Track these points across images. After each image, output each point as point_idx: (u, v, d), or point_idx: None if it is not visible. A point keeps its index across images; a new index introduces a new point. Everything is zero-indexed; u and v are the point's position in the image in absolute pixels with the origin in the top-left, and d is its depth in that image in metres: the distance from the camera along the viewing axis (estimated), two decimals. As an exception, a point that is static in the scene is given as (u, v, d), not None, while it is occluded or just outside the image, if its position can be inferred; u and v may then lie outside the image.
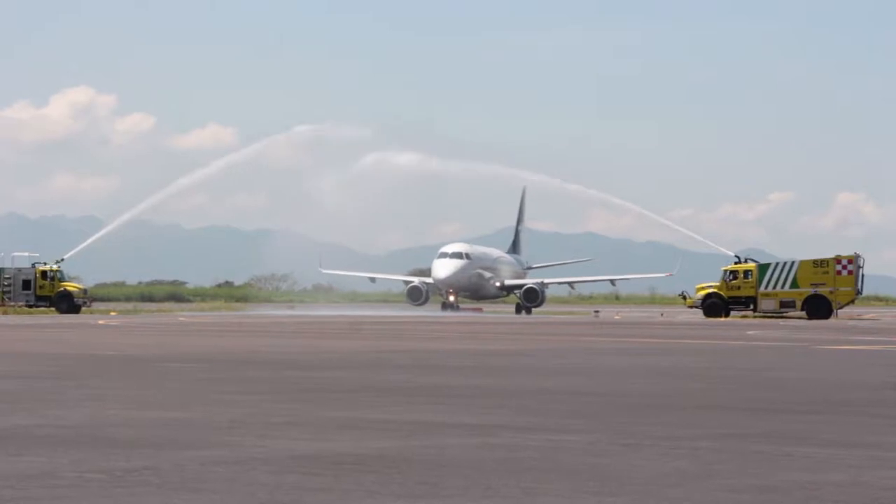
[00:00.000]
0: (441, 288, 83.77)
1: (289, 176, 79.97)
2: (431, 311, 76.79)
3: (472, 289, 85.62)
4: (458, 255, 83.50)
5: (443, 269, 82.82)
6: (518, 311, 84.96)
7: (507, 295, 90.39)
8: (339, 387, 13.98)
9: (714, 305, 63.83)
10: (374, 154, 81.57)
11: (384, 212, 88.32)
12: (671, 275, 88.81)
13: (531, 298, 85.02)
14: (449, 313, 76.10)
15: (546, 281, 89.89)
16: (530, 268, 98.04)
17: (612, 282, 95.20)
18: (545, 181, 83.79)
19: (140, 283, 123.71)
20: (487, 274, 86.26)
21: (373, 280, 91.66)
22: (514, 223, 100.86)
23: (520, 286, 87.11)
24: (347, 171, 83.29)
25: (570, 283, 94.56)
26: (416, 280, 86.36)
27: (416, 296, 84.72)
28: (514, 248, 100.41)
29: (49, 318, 57.79)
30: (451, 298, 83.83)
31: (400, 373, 16.91)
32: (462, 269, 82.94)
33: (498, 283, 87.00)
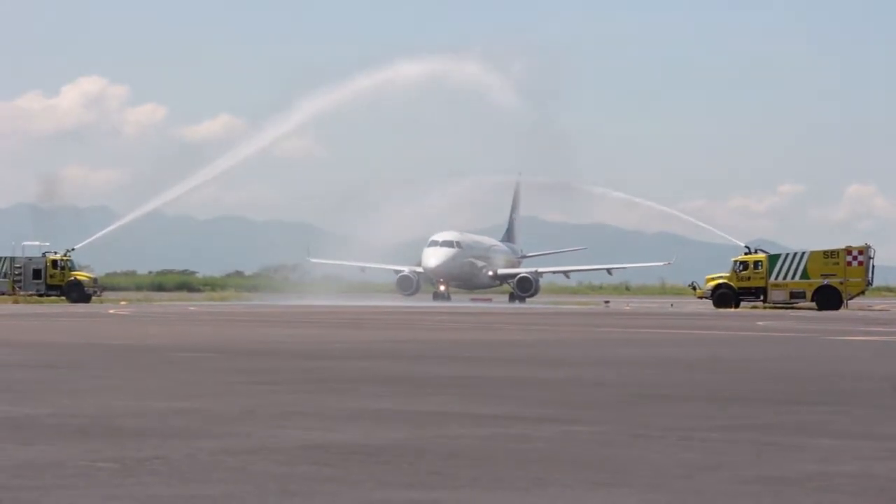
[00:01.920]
0: (431, 277, 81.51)
1: (299, 165, 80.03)
2: (423, 302, 74.83)
3: (464, 278, 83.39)
4: (448, 244, 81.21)
5: (433, 257, 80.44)
6: (512, 300, 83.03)
7: (501, 284, 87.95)
8: (349, 377, 13.99)
9: (724, 296, 63.76)
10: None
11: (396, 201, 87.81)
12: (669, 264, 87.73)
13: (525, 288, 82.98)
14: (440, 303, 73.81)
15: (540, 270, 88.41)
16: (524, 256, 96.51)
17: (609, 271, 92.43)
18: (553, 179, 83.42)
19: (150, 272, 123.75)
20: (480, 263, 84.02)
21: (363, 269, 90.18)
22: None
23: (513, 275, 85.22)
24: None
25: (565, 273, 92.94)
26: (406, 269, 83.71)
27: (406, 285, 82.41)
28: (509, 236, 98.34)
29: (59, 307, 57.92)
30: (442, 288, 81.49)
31: (410, 363, 16.92)
32: (453, 258, 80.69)
33: (491, 272, 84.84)
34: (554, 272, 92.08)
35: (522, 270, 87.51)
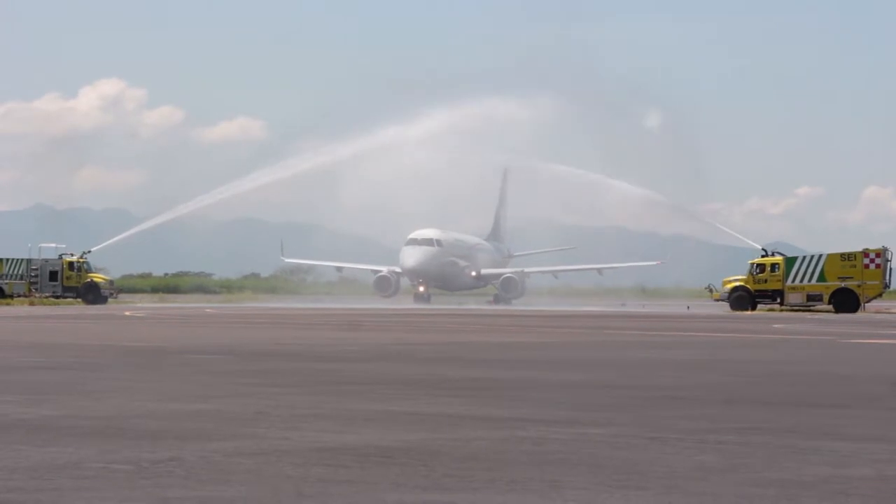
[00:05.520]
0: (410, 277, 78.38)
1: (316, 168, 79.83)
2: (403, 304, 72.38)
3: (445, 278, 79.91)
4: (428, 242, 77.78)
5: (411, 256, 76.83)
6: (497, 302, 79.43)
7: (485, 285, 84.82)
8: (364, 379, 13.99)
9: (741, 299, 63.63)
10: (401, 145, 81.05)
11: (410, 204, 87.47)
12: (661, 263, 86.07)
13: (509, 289, 79.83)
14: (422, 305, 70.70)
15: (527, 270, 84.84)
16: (512, 256, 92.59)
17: (600, 271, 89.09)
18: (572, 172, 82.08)
19: (166, 274, 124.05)
20: (462, 262, 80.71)
21: (339, 269, 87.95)
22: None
23: (497, 276, 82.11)
24: (375, 164, 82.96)
25: (553, 273, 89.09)
26: (384, 269, 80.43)
27: (384, 286, 79.10)
28: (495, 234, 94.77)
29: (75, 308, 58.11)
30: (421, 289, 77.88)
31: (424, 365, 16.92)
32: (433, 257, 77.17)
33: (473, 273, 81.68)
34: (542, 272, 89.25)
35: (507, 270, 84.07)
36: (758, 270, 64.25)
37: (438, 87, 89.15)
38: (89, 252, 73.35)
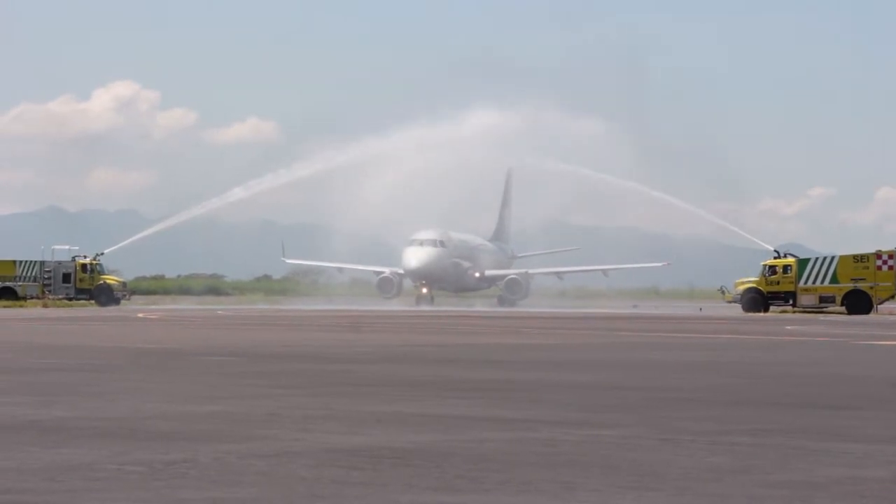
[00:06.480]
0: (412, 279, 77.45)
1: (326, 170, 79.78)
2: (407, 305, 72.08)
3: (448, 279, 78.86)
4: (431, 243, 76.62)
5: (414, 257, 75.69)
6: (501, 303, 78.77)
7: (489, 287, 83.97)
8: (375, 380, 14.00)
9: (753, 300, 63.49)
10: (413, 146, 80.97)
11: (422, 204, 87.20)
12: (668, 264, 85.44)
13: (514, 290, 79.01)
14: (425, 307, 70.16)
15: (531, 271, 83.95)
16: (515, 257, 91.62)
17: (605, 272, 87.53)
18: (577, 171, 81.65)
19: (179, 276, 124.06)
20: (466, 263, 79.76)
21: (340, 270, 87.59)
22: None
23: (502, 277, 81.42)
24: (385, 165, 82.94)
25: (557, 274, 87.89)
26: (386, 271, 79.78)
27: (386, 287, 78.40)
28: (499, 235, 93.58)
29: (88, 311, 58.22)
30: (424, 291, 77.01)
31: (432, 366, 16.92)
32: (437, 259, 76.06)
33: (478, 274, 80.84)
34: (546, 273, 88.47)
35: (512, 272, 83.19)
36: (770, 272, 64.12)
37: (443, 87, 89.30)
38: (102, 254, 73.49)
